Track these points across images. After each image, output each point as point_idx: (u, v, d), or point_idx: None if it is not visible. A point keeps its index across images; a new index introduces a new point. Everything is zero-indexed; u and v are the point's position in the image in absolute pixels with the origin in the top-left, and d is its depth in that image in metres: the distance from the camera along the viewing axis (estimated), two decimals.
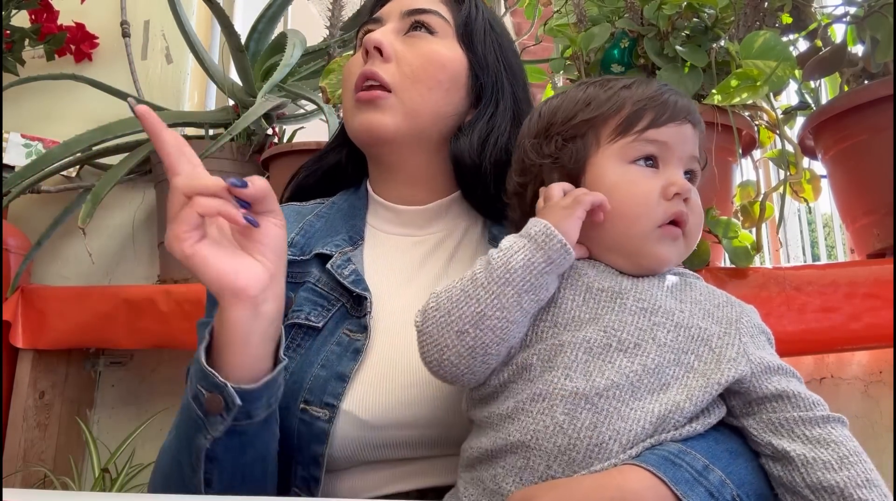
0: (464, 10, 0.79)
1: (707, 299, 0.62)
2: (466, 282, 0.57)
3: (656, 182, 0.61)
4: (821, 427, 0.55)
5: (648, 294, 0.59)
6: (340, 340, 0.70)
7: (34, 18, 1.60)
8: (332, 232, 0.78)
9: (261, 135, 1.45)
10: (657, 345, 0.56)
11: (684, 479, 0.50)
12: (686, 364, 0.56)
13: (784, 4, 1.11)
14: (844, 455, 0.53)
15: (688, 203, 0.62)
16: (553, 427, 0.53)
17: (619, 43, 1.10)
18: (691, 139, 0.64)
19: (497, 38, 0.81)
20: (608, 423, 0.53)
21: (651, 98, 0.63)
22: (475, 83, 0.78)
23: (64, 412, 1.46)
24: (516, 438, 0.54)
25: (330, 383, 0.67)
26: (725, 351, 0.58)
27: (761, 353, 0.59)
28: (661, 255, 0.61)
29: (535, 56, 1.51)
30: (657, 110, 0.63)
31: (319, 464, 0.66)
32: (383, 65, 0.75)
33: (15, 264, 1.39)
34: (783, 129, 1.12)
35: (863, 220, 1.09)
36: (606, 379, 0.54)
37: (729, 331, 0.59)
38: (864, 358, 1.21)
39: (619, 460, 0.52)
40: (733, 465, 0.54)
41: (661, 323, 0.58)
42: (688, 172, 0.64)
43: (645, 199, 0.61)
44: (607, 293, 0.59)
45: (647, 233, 0.61)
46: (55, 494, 0.84)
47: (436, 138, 0.77)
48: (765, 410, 0.57)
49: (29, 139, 1.55)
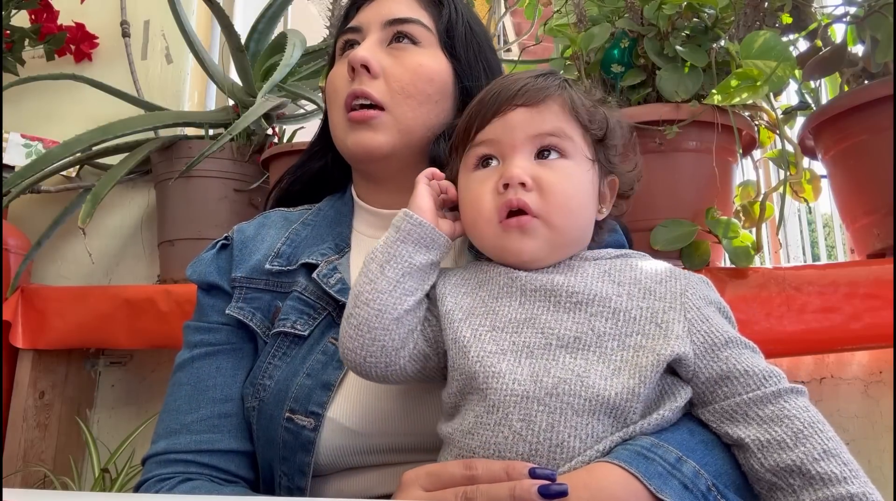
0: (444, 16, 0.78)
1: (647, 276, 0.60)
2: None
3: (491, 180, 0.62)
4: (773, 403, 0.54)
5: (583, 285, 0.59)
6: (326, 349, 0.70)
7: (34, 18, 1.60)
8: (318, 240, 0.78)
9: (261, 135, 1.45)
10: (597, 336, 0.56)
11: (657, 473, 0.50)
12: (633, 345, 0.56)
13: (784, 4, 1.11)
14: (798, 430, 0.52)
15: (537, 185, 0.60)
16: (512, 437, 0.53)
17: (619, 43, 1.10)
18: (525, 121, 0.62)
19: (476, 39, 0.80)
20: (564, 421, 0.52)
21: (479, 101, 0.65)
22: (460, 89, 0.78)
23: (64, 412, 1.46)
24: (480, 454, 0.54)
25: (315, 392, 0.67)
26: (672, 326, 0.57)
27: (709, 326, 0.57)
28: (513, 248, 0.60)
29: (535, 56, 1.51)
30: (481, 111, 0.64)
31: (305, 473, 0.66)
32: (372, 82, 0.74)
33: (15, 264, 1.39)
34: (783, 129, 1.12)
35: (863, 220, 1.09)
36: (553, 378, 0.54)
37: (674, 306, 0.58)
38: (864, 358, 1.21)
39: (585, 457, 0.52)
40: (708, 456, 0.54)
41: (598, 313, 0.57)
42: (546, 149, 0.62)
43: (476, 202, 0.62)
44: (540, 292, 0.59)
45: (490, 232, 0.61)
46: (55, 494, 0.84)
47: (424, 146, 0.77)
48: (717, 396, 0.56)
49: (29, 139, 1.55)
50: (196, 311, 0.79)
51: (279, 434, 0.67)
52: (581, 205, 0.62)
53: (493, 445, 0.53)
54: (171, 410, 0.73)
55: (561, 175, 0.61)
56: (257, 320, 0.74)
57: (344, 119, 0.75)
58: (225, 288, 0.77)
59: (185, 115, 1.57)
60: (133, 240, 1.61)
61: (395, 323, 0.59)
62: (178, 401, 0.73)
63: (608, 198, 0.67)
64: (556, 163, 0.62)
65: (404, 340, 0.60)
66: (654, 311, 0.58)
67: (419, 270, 0.61)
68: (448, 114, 0.77)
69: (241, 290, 0.75)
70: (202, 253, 0.81)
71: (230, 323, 0.75)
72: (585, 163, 0.63)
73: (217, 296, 0.77)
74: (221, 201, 1.41)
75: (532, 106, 0.62)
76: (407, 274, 0.60)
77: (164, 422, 0.73)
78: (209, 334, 0.75)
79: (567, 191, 0.61)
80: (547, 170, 0.61)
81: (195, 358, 0.75)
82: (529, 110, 0.62)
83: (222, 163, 1.41)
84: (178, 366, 0.76)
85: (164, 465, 0.69)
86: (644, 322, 0.57)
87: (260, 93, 1.29)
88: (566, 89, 0.65)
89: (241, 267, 0.77)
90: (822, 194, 1.21)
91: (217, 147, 1.23)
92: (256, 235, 0.80)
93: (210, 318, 0.76)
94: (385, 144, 0.74)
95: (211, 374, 0.73)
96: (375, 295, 0.58)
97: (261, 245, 0.78)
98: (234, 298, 0.75)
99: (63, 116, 1.68)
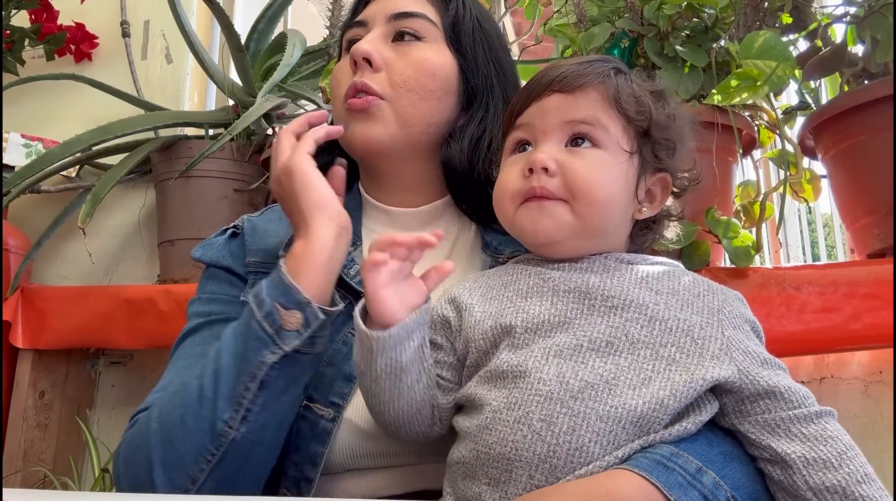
0: (451, 10, 0.77)
1: (686, 289, 0.59)
2: None
3: (520, 164, 0.61)
4: (815, 423, 0.54)
5: (618, 289, 0.58)
6: (347, 339, 0.70)
7: (34, 18, 1.60)
8: None
9: (261, 135, 1.45)
10: (630, 342, 0.55)
11: (677, 483, 0.49)
12: (666, 357, 0.55)
13: (784, 4, 1.11)
14: (842, 451, 0.52)
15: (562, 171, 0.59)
16: (531, 436, 0.52)
17: (619, 43, 1.10)
18: (559, 107, 0.61)
19: (486, 37, 0.79)
20: (587, 425, 0.52)
21: (525, 86, 0.65)
22: (466, 86, 0.77)
23: (64, 412, 1.46)
24: (496, 451, 0.53)
25: (336, 382, 0.67)
26: (708, 344, 0.56)
27: (746, 346, 0.57)
28: (525, 225, 0.61)
29: (535, 56, 1.51)
30: (522, 95, 0.64)
31: (316, 464, 0.65)
32: (373, 75, 0.73)
33: (15, 264, 1.39)
34: (783, 129, 1.12)
35: (863, 220, 1.09)
36: (580, 381, 0.53)
37: (711, 322, 0.57)
38: (864, 358, 1.21)
39: (603, 463, 0.51)
40: (728, 468, 0.53)
41: (633, 319, 0.56)
42: (579, 137, 0.61)
43: (503, 183, 0.63)
44: (574, 293, 0.58)
45: (511, 213, 0.62)
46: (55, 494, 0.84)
47: (428, 145, 0.76)
48: (758, 410, 0.55)
49: (29, 139, 1.55)
50: (202, 286, 0.77)
51: (294, 423, 0.66)
52: (609, 196, 0.60)
53: (509, 442, 0.53)
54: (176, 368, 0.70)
55: (588, 163, 0.60)
56: None
57: (344, 110, 0.75)
58: (239, 273, 0.76)
59: (185, 115, 1.57)
60: (133, 239, 1.61)
61: (414, 415, 0.60)
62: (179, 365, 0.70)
63: (657, 196, 0.65)
64: (586, 152, 0.60)
65: (430, 409, 0.61)
66: (691, 325, 0.56)
67: (409, 360, 0.59)
68: (451, 110, 0.77)
69: (256, 275, 0.74)
70: (211, 238, 0.80)
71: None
72: (621, 155, 0.61)
73: (230, 279, 0.76)
74: (221, 201, 1.41)
75: (568, 92, 0.61)
76: (400, 371, 0.59)
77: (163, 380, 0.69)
78: (220, 305, 0.74)
79: (592, 180, 0.59)
80: (575, 158, 0.60)
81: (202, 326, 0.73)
82: (565, 96, 0.61)
83: (222, 163, 1.41)
84: (183, 336, 0.73)
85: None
86: (680, 334, 0.56)
87: (260, 93, 1.29)
88: (611, 77, 0.62)
89: (256, 253, 0.76)
90: (822, 194, 1.21)
91: (217, 147, 1.23)
92: (267, 225, 0.80)
93: (222, 290, 0.75)
94: (384, 135, 0.73)
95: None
96: (386, 406, 0.59)
97: (273, 232, 0.78)
98: (249, 283, 0.74)
99: (63, 116, 1.68)
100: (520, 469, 0.52)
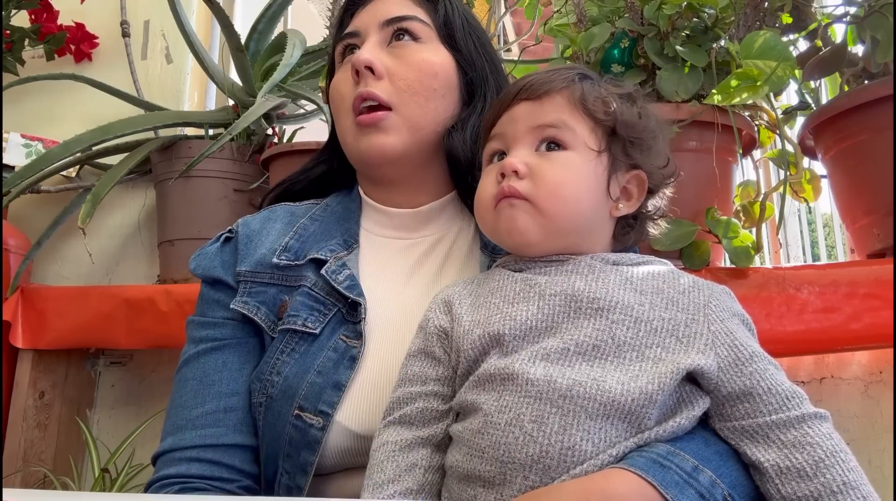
0: (440, 10, 0.78)
1: (671, 286, 0.60)
2: None
3: (495, 172, 0.64)
4: (796, 428, 0.53)
5: (604, 291, 0.58)
6: (337, 346, 0.70)
7: (34, 18, 1.60)
8: (326, 235, 0.78)
9: (261, 135, 1.45)
10: (616, 345, 0.55)
11: (673, 481, 0.49)
12: (652, 358, 0.55)
13: (784, 4, 1.11)
14: (819, 459, 0.52)
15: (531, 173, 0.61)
16: (523, 438, 0.52)
17: (619, 43, 1.10)
18: (527, 114, 0.63)
19: (475, 32, 0.81)
20: (577, 424, 0.52)
21: (496, 100, 0.68)
22: (464, 81, 0.79)
23: (64, 412, 1.46)
24: (490, 454, 0.53)
25: (325, 391, 0.67)
26: (694, 340, 0.56)
27: (733, 340, 0.57)
28: (501, 227, 0.62)
29: (535, 56, 1.51)
30: (494, 108, 0.67)
31: (306, 473, 0.66)
32: (377, 83, 0.74)
33: (15, 264, 1.39)
34: (783, 129, 1.12)
35: (863, 220, 1.09)
36: (568, 379, 0.53)
37: (697, 318, 0.57)
38: (864, 358, 1.21)
39: (598, 462, 0.51)
40: (724, 467, 0.53)
41: (619, 320, 0.56)
42: (549, 141, 0.63)
43: (481, 193, 0.65)
44: (560, 298, 0.59)
45: (488, 217, 0.64)
46: (55, 494, 0.84)
47: (436, 143, 0.77)
48: (737, 414, 0.55)
49: (29, 139, 1.55)
50: (199, 305, 0.78)
51: (286, 431, 0.67)
52: (576, 192, 0.61)
53: (503, 445, 0.53)
54: (178, 406, 0.73)
55: (556, 164, 0.62)
56: (262, 314, 0.73)
57: (353, 123, 0.75)
58: (229, 283, 0.77)
59: (185, 115, 1.56)
60: (133, 239, 1.61)
61: None
62: (184, 397, 0.73)
63: (633, 193, 0.66)
64: (554, 155, 0.62)
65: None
66: (676, 323, 0.57)
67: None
68: (455, 106, 0.78)
69: (245, 285, 0.75)
70: (205, 246, 0.81)
71: (235, 317, 0.75)
72: (588, 154, 0.62)
73: (221, 291, 0.77)
74: (221, 201, 1.41)
75: (535, 99, 0.64)
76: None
77: (171, 419, 0.73)
78: (214, 329, 0.75)
79: (558, 179, 0.61)
80: (544, 160, 0.62)
81: (200, 354, 0.74)
82: (532, 103, 0.64)
83: (222, 163, 1.41)
84: (184, 362, 0.76)
85: (170, 464, 0.69)
86: (665, 334, 0.56)
87: (260, 93, 1.29)
88: (576, 82, 0.64)
89: (246, 261, 0.76)
90: (822, 194, 1.21)
91: (217, 147, 1.23)
92: (262, 229, 0.79)
93: (215, 313, 0.76)
94: (397, 144, 0.74)
95: (217, 368, 0.73)
96: None
97: (266, 238, 0.78)
98: (239, 292, 0.75)
99: (63, 116, 1.68)
100: (514, 471, 0.52)
